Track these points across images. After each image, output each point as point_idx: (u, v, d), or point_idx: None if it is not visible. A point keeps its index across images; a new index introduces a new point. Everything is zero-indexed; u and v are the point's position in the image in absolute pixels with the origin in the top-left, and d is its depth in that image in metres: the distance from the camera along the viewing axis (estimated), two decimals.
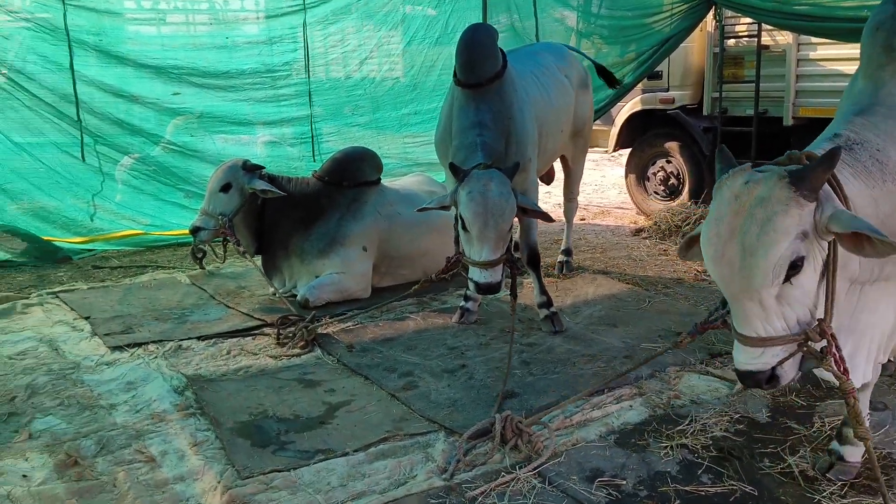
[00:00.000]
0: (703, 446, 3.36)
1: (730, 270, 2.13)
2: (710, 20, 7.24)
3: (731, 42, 7.26)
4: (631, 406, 3.78)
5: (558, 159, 6.02)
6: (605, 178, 12.01)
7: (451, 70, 8.26)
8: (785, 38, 6.83)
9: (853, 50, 6.50)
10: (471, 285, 4.10)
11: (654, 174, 8.12)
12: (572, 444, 3.42)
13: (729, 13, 7.03)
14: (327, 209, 5.56)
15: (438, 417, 3.70)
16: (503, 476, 3.12)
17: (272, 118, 7.94)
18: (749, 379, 2.24)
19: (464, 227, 4.03)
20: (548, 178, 6.29)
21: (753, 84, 7.02)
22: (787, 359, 2.23)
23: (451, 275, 4.61)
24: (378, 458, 3.33)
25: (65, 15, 6.75)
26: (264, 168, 5.56)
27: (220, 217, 5.42)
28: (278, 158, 8.01)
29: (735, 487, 3.03)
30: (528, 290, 5.73)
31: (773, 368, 2.23)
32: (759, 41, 6.93)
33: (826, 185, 2.16)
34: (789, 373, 2.25)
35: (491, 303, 5.47)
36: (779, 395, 3.84)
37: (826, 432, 3.45)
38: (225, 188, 5.44)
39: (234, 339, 4.84)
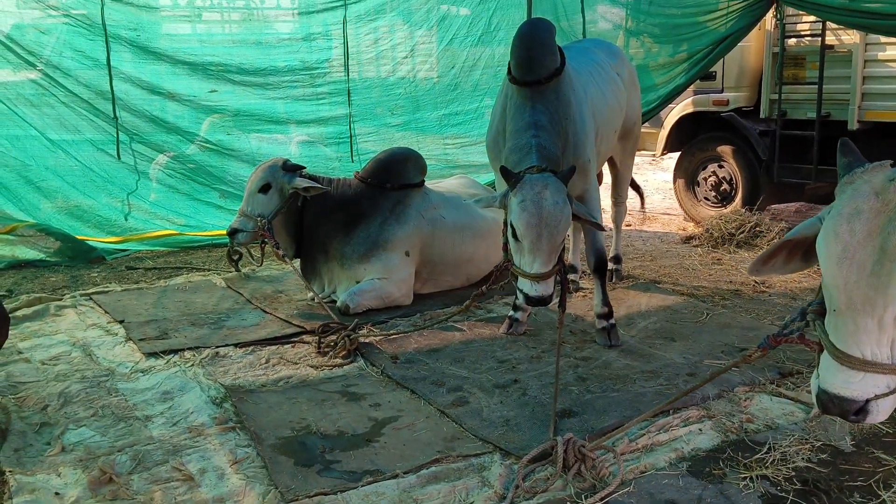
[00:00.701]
0: (785, 478, 3.07)
1: (858, 275, 1.85)
2: (769, 18, 6.91)
3: (792, 41, 6.92)
4: (700, 430, 3.49)
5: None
6: (647, 182, 11.67)
7: (493, 70, 8.16)
8: (851, 37, 6.48)
9: None
10: (520, 296, 3.85)
11: (705, 179, 7.80)
12: (640, 471, 3.15)
13: (790, 11, 6.70)
14: (370, 212, 5.35)
15: (493, 437, 3.45)
16: None
17: (309, 117, 7.77)
18: (837, 405, 1.96)
19: (514, 236, 3.78)
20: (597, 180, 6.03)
21: (815, 86, 6.67)
22: (885, 395, 1.94)
23: (500, 284, 4.36)
24: (430, 482, 3.09)
25: (102, 9, 6.63)
26: (305, 168, 5.36)
27: (258, 219, 5.23)
28: (315, 158, 7.82)
29: None
30: (578, 300, 5.48)
31: (867, 401, 1.95)
32: (822, 40, 6.58)
33: None
34: (883, 411, 1.97)
35: (540, 312, 5.20)
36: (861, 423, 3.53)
37: None
38: (264, 189, 5.25)
39: (273, 347, 4.64)
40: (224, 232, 5.48)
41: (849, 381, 1.91)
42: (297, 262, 5.51)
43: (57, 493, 2.98)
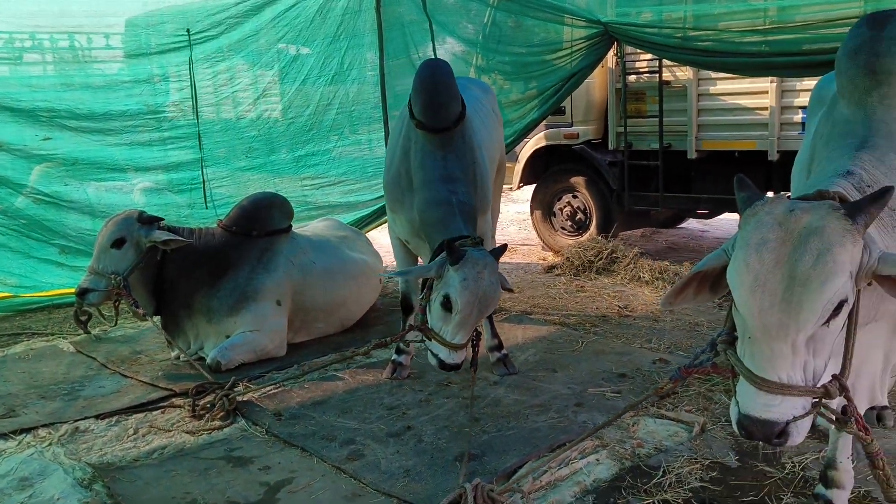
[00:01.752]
0: (684, 500, 3.17)
1: (770, 302, 1.92)
2: (611, 56, 7.32)
3: (633, 78, 7.38)
4: (598, 460, 3.54)
5: None
6: (502, 214, 11.95)
7: (348, 109, 8.09)
8: (685, 73, 7.00)
9: (751, 84, 6.76)
10: (433, 360, 3.80)
11: (561, 210, 8.10)
12: None
13: (630, 49, 7.14)
14: (236, 262, 5.08)
15: (396, 490, 3.33)
16: None
17: (157, 163, 7.32)
18: (759, 429, 2.00)
19: (445, 307, 3.71)
20: None
21: (657, 119, 7.13)
22: (803, 416, 2.02)
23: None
24: None
25: None
26: (163, 220, 5.02)
27: (112, 276, 4.82)
28: (164, 207, 7.33)
29: None
30: None
31: (787, 423, 2.02)
32: (660, 76, 7.06)
33: None
34: (802, 432, 2.04)
35: (420, 353, 5.14)
36: (739, 437, 3.71)
37: (799, 473, 3.35)
38: (118, 244, 4.85)
39: (140, 415, 4.27)
40: (67, 290, 5.00)
41: (769, 405, 1.96)
42: (157, 319, 5.13)
43: None
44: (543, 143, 8.00)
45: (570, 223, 8.09)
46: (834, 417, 2.15)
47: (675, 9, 6.40)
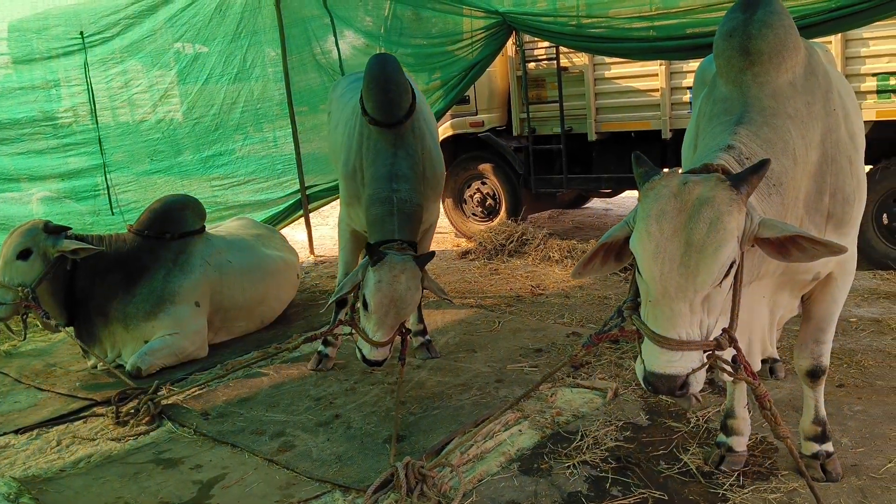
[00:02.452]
0: (601, 459, 3.39)
1: (669, 267, 2.11)
2: (510, 45, 7.54)
3: (532, 65, 7.62)
4: (520, 431, 3.73)
5: None
6: None
7: (254, 106, 8.03)
8: (581, 59, 7.29)
9: (642, 67, 7.10)
10: (358, 354, 3.89)
11: (471, 196, 8.30)
12: (478, 479, 3.31)
13: (528, 38, 7.37)
14: (151, 265, 5.03)
15: (329, 476, 3.43)
16: None
17: (57, 171, 7.11)
18: (664, 383, 2.20)
19: (364, 306, 3.80)
20: None
21: (557, 104, 7.40)
22: (699, 368, 2.23)
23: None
24: None
25: None
26: (70, 229, 4.91)
27: (19, 289, 4.70)
28: (66, 215, 7.13)
29: (645, 494, 3.08)
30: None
31: (687, 375, 2.24)
32: (558, 63, 7.33)
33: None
34: (699, 382, 2.25)
35: (344, 344, 5.23)
36: (649, 398, 3.98)
37: (703, 426, 3.63)
38: (23, 255, 4.73)
39: (62, 427, 4.20)
40: None
41: (671, 361, 2.16)
42: (71, 330, 5.02)
43: None
44: (450, 133, 8.18)
45: (480, 209, 8.30)
46: (727, 367, 2.38)
47: None
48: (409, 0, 7.36)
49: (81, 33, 6.86)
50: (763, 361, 4.22)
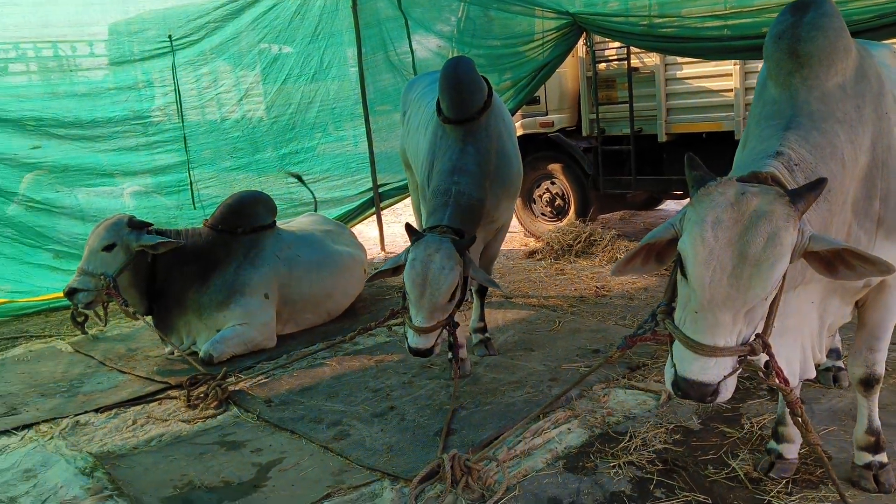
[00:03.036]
0: (648, 461, 3.39)
1: (720, 276, 2.10)
2: (580, 45, 7.53)
3: (603, 66, 7.59)
4: (569, 429, 3.77)
5: None
6: None
7: (329, 106, 8.28)
8: (652, 59, 7.21)
9: (715, 67, 6.97)
10: (405, 344, 3.94)
11: (540, 196, 8.32)
12: (522, 475, 3.37)
13: (598, 38, 7.35)
14: (224, 258, 5.29)
15: (379, 465, 3.55)
16: None
17: (145, 167, 7.51)
18: (696, 390, 2.19)
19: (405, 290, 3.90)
20: None
21: (627, 105, 7.35)
22: (731, 374, 2.22)
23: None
24: None
25: None
26: (152, 224, 5.20)
27: (101, 277, 5.01)
28: (154, 209, 7.57)
29: (689, 498, 3.07)
30: None
31: (718, 383, 2.20)
32: (629, 63, 7.28)
33: None
34: (730, 389, 2.24)
35: (404, 339, 5.36)
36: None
37: (757, 432, 3.58)
38: (108, 247, 5.03)
39: (138, 407, 4.48)
40: (62, 294, 5.18)
41: (705, 368, 2.16)
42: (150, 318, 5.33)
43: None
44: (521, 132, 8.20)
45: (549, 209, 8.31)
46: (759, 372, 2.36)
47: None
48: (482, 2, 7.45)
49: (170, 36, 7.23)
50: (826, 370, 4.13)
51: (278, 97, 7.98)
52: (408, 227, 3.94)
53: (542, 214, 8.39)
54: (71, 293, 5.05)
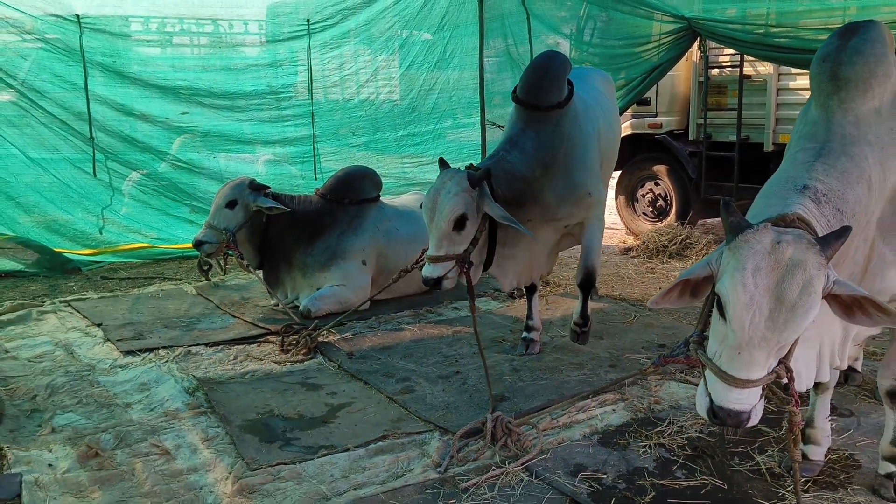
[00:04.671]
0: (678, 446, 3.61)
1: (759, 319, 2.27)
2: (695, 50, 7.59)
3: (715, 71, 7.62)
4: (614, 410, 4.03)
5: None
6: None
7: (448, 93, 8.76)
8: (766, 68, 7.18)
9: None
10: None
11: (643, 196, 8.44)
12: (558, 442, 3.67)
13: (713, 44, 7.39)
14: (329, 225, 5.85)
15: (433, 418, 3.95)
16: (493, 470, 3.38)
17: (275, 138, 8.27)
18: (732, 418, 2.37)
19: None
20: None
21: (736, 111, 7.36)
22: (760, 399, 2.39)
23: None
24: (377, 454, 3.58)
25: (81, 37, 7.07)
26: (269, 188, 5.84)
27: (224, 231, 5.69)
28: (280, 177, 8.33)
29: (706, 482, 3.29)
30: (521, 304, 6.02)
31: (750, 409, 2.38)
32: (741, 71, 7.28)
33: None
34: (760, 412, 2.40)
35: (485, 315, 5.76)
36: None
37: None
38: (230, 205, 5.71)
39: (241, 346, 5.10)
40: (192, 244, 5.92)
41: (740, 399, 2.34)
42: (260, 272, 5.98)
43: (50, 465, 3.42)
44: (629, 132, 8.35)
45: (651, 209, 8.42)
46: (778, 393, 2.52)
47: (757, 6, 6.61)
48: (603, 3, 7.65)
49: (308, 20, 7.90)
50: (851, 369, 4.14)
51: (402, 82, 8.53)
52: (441, 160, 4.25)
53: (644, 214, 8.51)
54: (198, 245, 5.77)
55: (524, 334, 5.04)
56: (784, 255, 2.28)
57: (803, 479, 3.27)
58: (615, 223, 9.49)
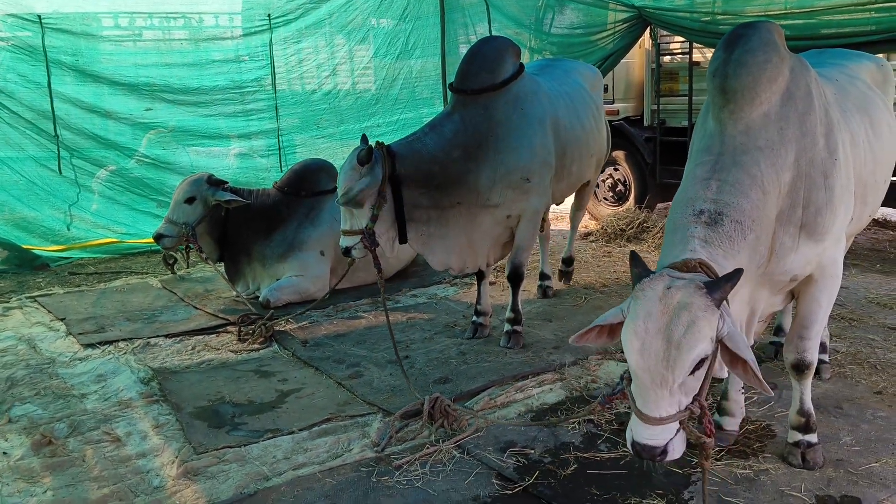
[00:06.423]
0: (606, 421, 3.81)
1: (654, 361, 2.43)
2: (647, 38, 7.76)
3: (667, 59, 7.80)
4: (551, 389, 4.22)
5: None
6: None
7: (411, 84, 8.90)
8: None
9: None
10: None
11: (604, 181, 8.63)
12: (493, 421, 3.86)
13: (663, 32, 7.56)
14: (287, 217, 6.00)
15: (378, 401, 4.13)
16: (427, 448, 3.56)
17: (242, 131, 8.40)
18: (647, 452, 2.52)
19: None
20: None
21: (687, 97, 7.54)
22: (675, 436, 2.53)
23: None
24: (320, 436, 3.76)
25: (43, 37, 7.18)
26: (227, 182, 5.99)
27: (183, 226, 5.83)
28: (248, 170, 8.47)
29: (627, 453, 3.47)
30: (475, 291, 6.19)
31: (665, 445, 2.52)
32: (690, 58, 7.46)
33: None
34: (678, 448, 2.55)
35: (441, 301, 5.94)
36: None
37: (713, 406, 3.91)
38: (189, 200, 5.86)
39: (200, 337, 5.27)
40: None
41: (653, 435, 2.50)
42: (221, 265, 6.13)
43: (4, 453, 3.58)
44: None
45: (611, 194, 8.61)
46: (693, 431, 2.65)
47: None
48: None
49: (269, 15, 8.02)
50: (822, 363, 4.33)
51: (365, 74, 8.66)
52: (363, 136, 4.51)
53: (605, 199, 8.69)
54: (158, 238, 5.93)
55: (473, 318, 5.20)
56: (673, 299, 2.43)
57: (718, 448, 3.48)
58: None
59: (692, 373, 2.45)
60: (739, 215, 2.77)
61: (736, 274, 2.48)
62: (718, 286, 2.47)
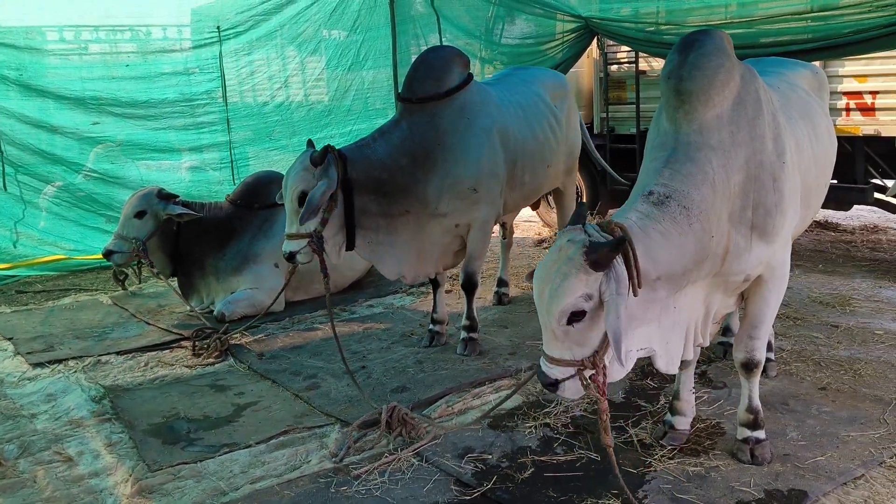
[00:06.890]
0: (562, 424, 3.87)
1: (538, 304, 2.68)
2: (595, 48, 7.92)
3: (614, 67, 7.96)
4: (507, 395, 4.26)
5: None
6: None
7: (363, 95, 8.92)
8: (659, 63, 7.54)
9: None
10: None
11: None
12: (451, 428, 3.89)
13: (610, 42, 7.72)
14: (240, 230, 5.96)
15: (335, 412, 4.13)
16: (386, 457, 3.57)
17: (193, 144, 8.33)
18: (542, 379, 2.77)
19: None
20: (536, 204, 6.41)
21: (634, 105, 7.70)
22: (566, 379, 2.74)
23: None
24: (278, 448, 3.74)
25: None
26: (178, 196, 5.93)
27: (134, 241, 5.75)
28: (201, 183, 8.39)
29: (582, 455, 3.54)
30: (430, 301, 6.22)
31: (557, 380, 2.74)
32: (636, 67, 7.63)
33: (622, 265, 2.62)
34: (570, 389, 2.76)
35: (398, 311, 5.95)
36: (635, 379, 4.38)
37: (666, 408, 4.00)
38: (139, 214, 5.78)
39: (153, 353, 5.20)
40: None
41: (549, 368, 2.74)
42: (174, 280, 6.06)
43: None
44: None
45: None
46: (585, 381, 2.77)
47: (648, 5, 6.95)
48: (510, 4, 7.91)
49: (218, 28, 7.97)
50: (769, 361, 4.46)
51: (317, 85, 8.66)
52: (309, 141, 4.53)
53: None
54: (108, 254, 5.83)
55: (430, 327, 5.23)
56: (564, 253, 2.62)
57: (671, 448, 3.56)
58: (533, 216, 9.79)
59: (570, 324, 2.62)
60: (688, 202, 2.88)
61: (620, 242, 2.60)
62: (597, 249, 2.59)
